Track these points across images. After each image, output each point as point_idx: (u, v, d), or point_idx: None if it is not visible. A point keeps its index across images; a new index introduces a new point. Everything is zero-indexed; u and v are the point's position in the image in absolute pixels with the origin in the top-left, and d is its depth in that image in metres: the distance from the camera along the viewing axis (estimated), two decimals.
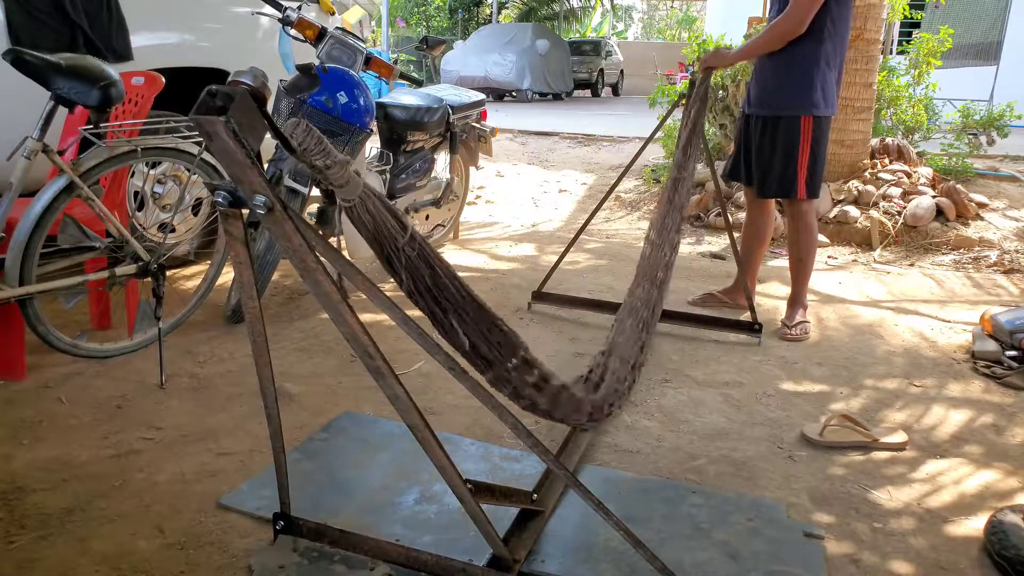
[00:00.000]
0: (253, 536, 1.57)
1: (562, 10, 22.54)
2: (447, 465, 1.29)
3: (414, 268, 1.12)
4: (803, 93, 2.70)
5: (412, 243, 1.12)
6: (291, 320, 2.90)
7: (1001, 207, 4.69)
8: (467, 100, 3.81)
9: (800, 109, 2.72)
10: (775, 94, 2.77)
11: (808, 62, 2.68)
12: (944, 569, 1.55)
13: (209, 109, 0.99)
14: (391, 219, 1.11)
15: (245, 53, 3.60)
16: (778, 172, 2.81)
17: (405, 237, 1.11)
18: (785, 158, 2.78)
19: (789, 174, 2.79)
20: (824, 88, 2.71)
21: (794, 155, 2.76)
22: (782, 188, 2.83)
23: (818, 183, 2.84)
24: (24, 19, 2.67)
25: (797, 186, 2.79)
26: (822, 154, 2.81)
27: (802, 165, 2.77)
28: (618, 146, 7.52)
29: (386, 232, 1.11)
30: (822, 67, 2.68)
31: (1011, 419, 2.25)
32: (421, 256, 1.12)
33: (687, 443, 2.04)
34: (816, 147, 2.76)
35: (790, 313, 2.98)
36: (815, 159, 2.78)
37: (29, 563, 1.46)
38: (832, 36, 2.66)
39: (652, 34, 38.46)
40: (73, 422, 2.03)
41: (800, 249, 2.94)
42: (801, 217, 2.89)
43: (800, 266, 2.97)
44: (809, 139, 2.74)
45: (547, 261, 3.76)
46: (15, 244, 2.09)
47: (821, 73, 2.69)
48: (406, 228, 1.12)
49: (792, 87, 2.72)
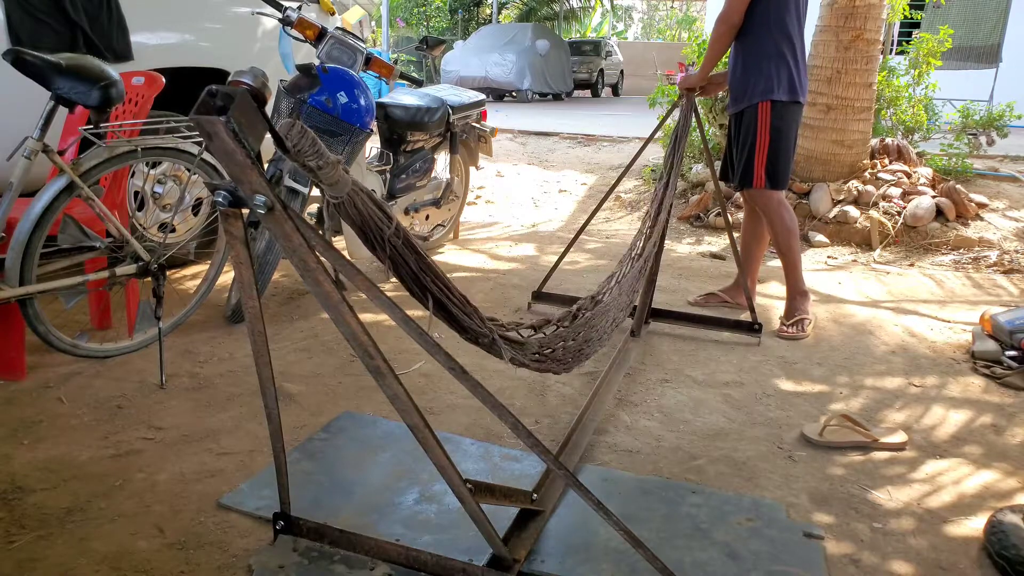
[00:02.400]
0: (253, 536, 1.57)
1: (562, 10, 22.53)
2: (447, 465, 1.29)
3: (399, 257, 1.16)
4: (758, 81, 2.76)
5: (397, 234, 1.15)
6: (291, 320, 2.90)
7: (1001, 207, 4.69)
8: (467, 100, 3.81)
9: (756, 96, 2.77)
10: (737, 89, 2.85)
11: (759, 52, 2.75)
12: (944, 569, 1.55)
13: (209, 109, 0.99)
14: (378, 212, 1.15)
15: (245, 53, 3.60)
16: (741, 162, 2.86)
17: (391, 229, 1.15)
18: (746, 147, 2.82)
19: (749, 163, 2.82)
20: (779, 75, 2.74)
21: (752, 143, 2.79)
22: (743, 178, 2.86)
23: (781, 173, 2.84)
24: (24, 19, 2.67)
25: (754, 175, 2.82)
26: (785, 144, 2.81)
27: (760, 152, 2.79)
28: (618, 146, 7.52)
29: (372, 225, 1.14)
30: (774, 55, 2.73)
31: (1011, 419, 2.25)
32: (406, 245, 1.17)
33: (687, 443, 2.04)
34: (776, 135, 2.78)
35: (788, 308, 2.98)
36: (776, 148, 2.79)
37: (29, 563, 1.46)
38: (777, 25, 2.72)
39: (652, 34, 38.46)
40: (73, 422, 2.03)
41: (777, 242, 2.95)
42: (765, 209, 2.91)
43: (783, 259, 2.98)
44: (768, 126, 2.76)
45: (547, 261, 3.77)
46: (15, 244, 2.09)
47: (775, 61, 2.74)
48: (391, 220, 1.15)
49: (748, 78, 2.79)
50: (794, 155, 2.95)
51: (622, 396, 2.32)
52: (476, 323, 1.28)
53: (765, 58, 2.75)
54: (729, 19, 2.74)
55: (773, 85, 2.74)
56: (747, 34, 2.77)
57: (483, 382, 1.29)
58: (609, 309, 1.92)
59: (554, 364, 1.59)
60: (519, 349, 1.41)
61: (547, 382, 2.41)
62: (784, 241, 2.92)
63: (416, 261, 1.20)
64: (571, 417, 2.11)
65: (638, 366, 2.57)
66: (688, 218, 4.95)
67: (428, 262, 1.22)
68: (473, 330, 1.28)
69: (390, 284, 3.33)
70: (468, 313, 1.26)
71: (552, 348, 1.57)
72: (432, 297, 1.21)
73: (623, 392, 2.35)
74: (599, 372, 2.40)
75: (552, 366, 1.58)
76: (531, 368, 1.48)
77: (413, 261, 1.20)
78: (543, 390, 2.36)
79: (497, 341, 1.31)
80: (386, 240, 1.16)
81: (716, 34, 2.79)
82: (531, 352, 1.45)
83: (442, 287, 1.23)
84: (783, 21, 2.73)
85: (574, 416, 2.08)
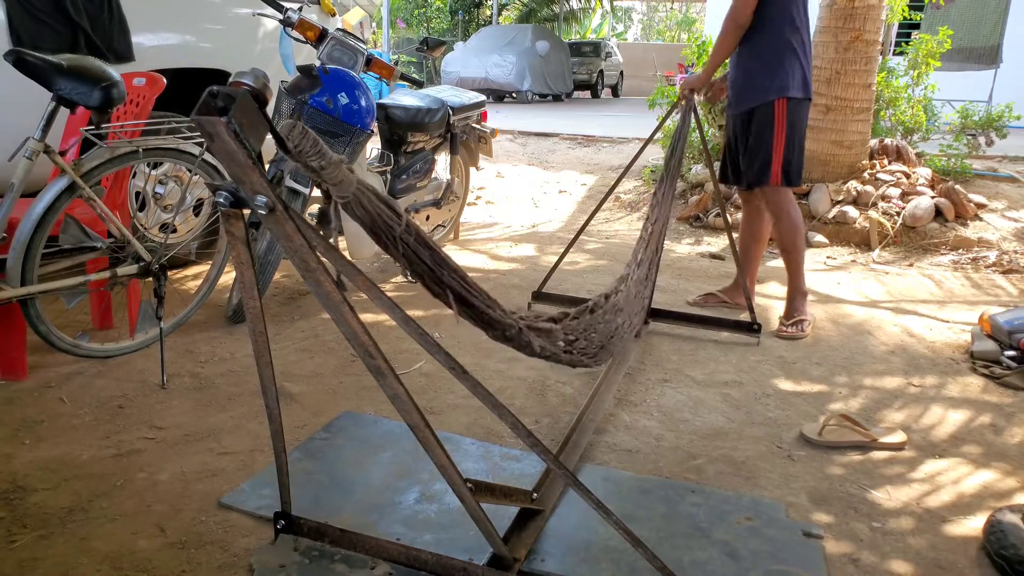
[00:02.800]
0: (254, 535, 1.58)
1: (562, 11, 22.54)
2: (447, 464, 1.30)
3: (411, 254, 1.15)
4: (773, 78, 2.73)
5: (408, 231, 1.14)
6: (292, 320, 2.90)
7: (1000, 207, 4.70)
8: (467, 101, 3.82)
9: (772, 93, 2.75)
10: (747, 87, 2.82)
11: (773, 49, 2.73)
12: (943, 568, 1.56)
13: (211, 110, 0.99)
14: (386, 211, 1.14)
15: (246, 54, 3.61)
16: (755, 160, 2.83)
17: (401, 226, 1.14)
18: (761, 145, 2.80)
19: (764, 160, 2.81)
20: (793, 71, 2.73)
21: (769, 140, 2.78)
22: (759, 176, 2.85)
23: (795, 171, 2.84)
24: (26, 20, 2.67)
25: (771, 172, 2.80)
26: (799, 140, 2.82)
27: (777, 150, 2.78)
28: (618, 147, 7.53)
29: (382, 223, 1.13)
30: (787, 52, 2.72)
31: (1009, 419, 2.26)
32: (419, 241, 1.16)
33: (686, 443, 2.05)
34: (792, 132, 2.77)
35: (788, 309, 2.98)
36: (791, 145, 2.79)
37: (30, 562, 1.47)
38: (788, 21, 2.71)
39: (652, 35, 38.47)
40: (75, 422, 2.03)
41: (783, 240, 2.94)
42: (777, 206, 2.90)
43: (788, 257, 2.97)
44: (784, 123, 2.76)
45: (547, 261, 3.77)
46: (17, 244, 2.09)
47: (788, 58, 2.72)
48: (401, 217, 1.14)
49: (761, 75, 2.76)
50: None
51: (622, 396, 2.33)
52: (500, 314, 1.26)
53: (777, 55, 2.73)
54: (738, 18, 2.72)
55: (788, 82, 2.73)
56: (757, 32, 2.74)
57: (483, 382, 1.29)
58: (622, 308, 1.92)
59: (582, 357, 1.57)
60: (547, 339, 1.39)
61: (547, 382, 2.42)
62: (790, 238, 2.92)
63: (431, 256, 1.17)
64: (571, 417, 2.11)
65: (638, 366, 2.57)
66: (687, 218, 4.96)
67: (443, 256, 1.19)
68: (499, 322, 1.25)
69: (391, 284, 3.34)
70: (490, 305, 1.24)
71: (576, 337, 1.56)
72: (452, 292, 1.19)
73: (623, 392, 2.36)
74: (599, 372, 2.41)
75: (580, 359, 1.56)
76: (561, 361, 1.47)
77: (428, 256, 1.17)
78: (543, 390, 2.37)
79: (524, 332, 1.29)
80: (397, 238, 1.15)
81: (724, 33, 2.76)
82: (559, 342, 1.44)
83: (460, 280, 1.21)
84: (792, 17, 2.73)
85: (574, 416, 2.09)
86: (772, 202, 2.91)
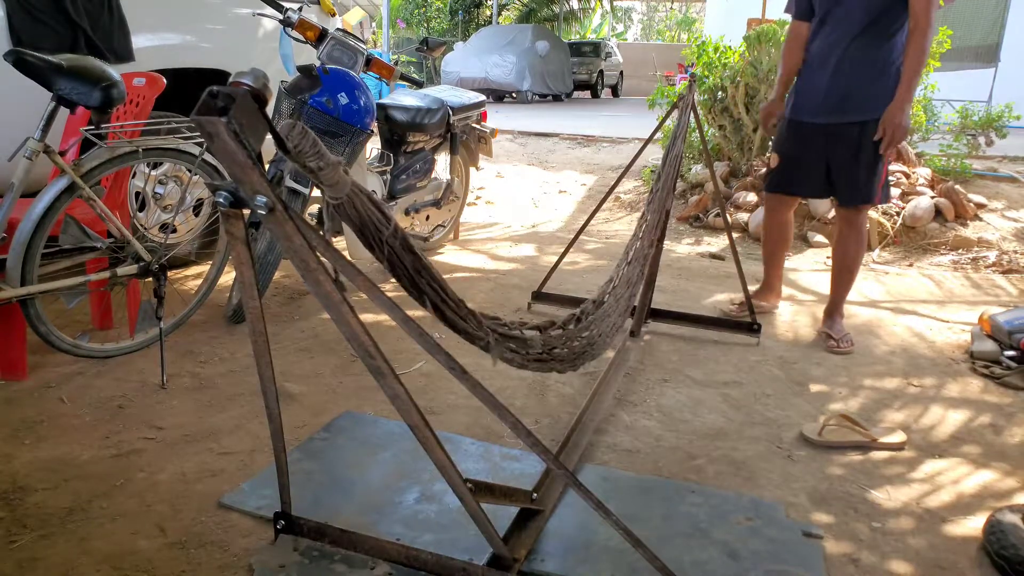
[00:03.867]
0: (254, 535, 1.58)
1: (562, 11, 22.55)
2: (447, 464, 1.30)
3: (395, 258, 1.17)
4: (886, 91, 2.57)
5: (395, 235, 1.16)
6: (292, 320, 2.90)
7: (1000, 208, 4.70)
8: (467, 101, 3.82)
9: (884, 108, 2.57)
10: (866, 98, 2.61)
11: (890, 61, 2.58)
12: (943, 569, 1.56)
13: (210, 110, 0.99)
14: (377, 214, 1.15)
15: (246, 54, 3.61)
16: (863, 178, 2.66)
17: (389, 230, 1.15)
18: (873, 163, 2.64)
19: (873, 179, 2.66)
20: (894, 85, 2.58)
21: (879, 158, 2.63)
22: (865, 194, 2.69)
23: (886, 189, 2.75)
24: (25, 20, 2.67)
25: (875, 191, 2.68)
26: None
27: (885, 168, 2.68)
28: (618, 147, 7.53)
29: (371, 226, 1.15)
30: (900, 64, 2.58)
31: (1009, 419, 2.26)
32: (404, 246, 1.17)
33: (686, 443, 2.05)
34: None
35: (829, 323, 2.89)
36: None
37: (30, 562, 1.47)
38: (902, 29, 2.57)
39: (652, 35, 38.49)
40: (74, 422, 2.03)
41: (849, 257, 2.83)
42: (860, 224, 2.78)
43: (848, 275, 2.86)
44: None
45: (547, 261, 3.77)
46: (17, 244, 2.09)
47: (898, 69, 2.58)
48: (390, 221, 1.16)
49: (882, 88, 2.58)
50: None
51: (622, 396, 2.33)
52: (472, 326, 1.28)
53: (895, 65, 2.57)
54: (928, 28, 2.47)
55: (891, 95, 2.56)
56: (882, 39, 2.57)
57: (483, 382, 1.29)
58: (610, 313, 1.93)
59: (557, 364, 1.59)
60: (521, 348, 1.41)
61: (547, 382, 2.42)
62: (855, 256, 2.82)
63: (412, 262, 1.20)
64: (571, 417, 2.11)
65: (637, 366, 2.57)
66: (687, 219, 4.96)
67: (425, 263, 1.22)
68: (469, 333, 1.28)
69: (390, 284, 3.33)
70: (463, 316, 1.26)
71: (557, 347, 1.57)
72: (428, 299, 1.22)
73: (623, 392, 2.36)
74: (599, 372, 2.41)
75: (555, 365, 1.58)
76: (531, 369, 1.49)
77: (410, 262, 1.20)
78: (543, 390, 2.37)
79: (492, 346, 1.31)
80: (384, 241, 1.16)
81: (920, 48, 2.49)
82: (535, 351, 1.45)
83: (438, 289, 1.23)
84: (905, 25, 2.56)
85: (574, 416, 2.09)
86: (858, 221, 2.78)
